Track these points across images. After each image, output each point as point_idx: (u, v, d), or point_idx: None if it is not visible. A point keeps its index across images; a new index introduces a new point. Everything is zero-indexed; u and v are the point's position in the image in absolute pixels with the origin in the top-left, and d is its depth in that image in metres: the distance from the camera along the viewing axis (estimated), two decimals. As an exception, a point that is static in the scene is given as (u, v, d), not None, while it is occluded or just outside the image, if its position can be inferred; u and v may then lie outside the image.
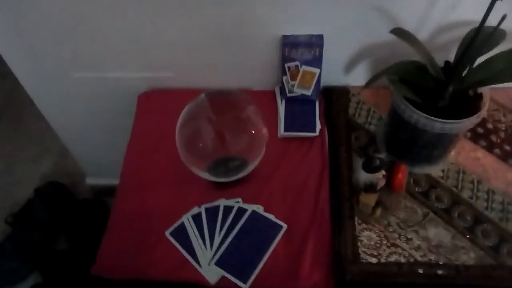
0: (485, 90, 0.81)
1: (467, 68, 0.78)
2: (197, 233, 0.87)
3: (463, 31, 0.81)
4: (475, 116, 0.77)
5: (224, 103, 0.90)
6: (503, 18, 0.68)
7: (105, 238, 0.88)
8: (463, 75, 0.79)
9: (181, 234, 0.87)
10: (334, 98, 1.04)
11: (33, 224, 1.52)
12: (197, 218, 0.88)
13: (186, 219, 0.88)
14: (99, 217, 1.52)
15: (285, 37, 0.95)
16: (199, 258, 0.84)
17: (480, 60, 0.78)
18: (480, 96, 0.81)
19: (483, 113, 0.78)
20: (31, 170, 1.77)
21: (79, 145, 1.41)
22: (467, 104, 0.80)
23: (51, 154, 1.81)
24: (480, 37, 0.72)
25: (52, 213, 1.55)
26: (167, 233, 0.87)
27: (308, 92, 1.01)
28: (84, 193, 1.67)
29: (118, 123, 1.16)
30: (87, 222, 1.54)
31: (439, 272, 0.79)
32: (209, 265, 0.83)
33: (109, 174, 1.35)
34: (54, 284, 1.45)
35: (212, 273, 0.82)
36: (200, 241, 0.86)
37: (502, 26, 0.69)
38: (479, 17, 0.70)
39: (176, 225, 0.88)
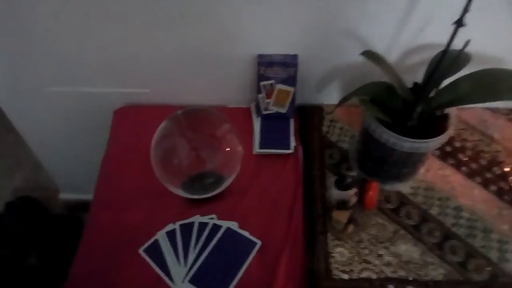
0: (451, 111, 0.84)
1: (434, 90, 0.81)
2: (171, 250, 0.86)
3: (431, 54, 0.84)
4: (442, 136, 0.80)
5: (199, 121, 0.91)
6: (467, 43, 0.71)
7: (77, 255, 0.87)
8: (430, 96, 0.82)
9: (155, 251, 0.86)
10: (308, 116, 1.06)
11: (3, 240, 1.48)
12: (171, 235, 0.88)
13: (160, 236, 0.88)
14: (72, 233, 1.49)
15: (260, 56, 0.97)
16: (173, 276, 0.83)
17: (447, 81, 0.81)
18: (447, 117, 0.84)
19: (449, 133, 0.81)
20: (2, 184, 1.73)
21: (53, 159, 1.39)
22: (434, 124, 0.83)
23: (24, 168, 1.78)
24: (445, 60, 0.76)
25: (24, 229, 1.51)
26: (140, 251, 0.86)
27: (283, 110, 1.03)
28: (58, 208, 1.64)
29: (93, 138, 1.15)
30: (60, 238, 1.51)
31: (409, 288, 0.81)
32: (183, 282, 0.82)
33: (83, 189, 1.33)
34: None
35: (185, 290, 0.82)
36: (174, 258, 0.85)
37: (469, 49, 0.72)
38: (446, 40, 0.74)
39: (150, 242, 0.88)
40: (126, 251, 0.87)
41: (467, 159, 0.98)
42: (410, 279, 0.81)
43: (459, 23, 0.71)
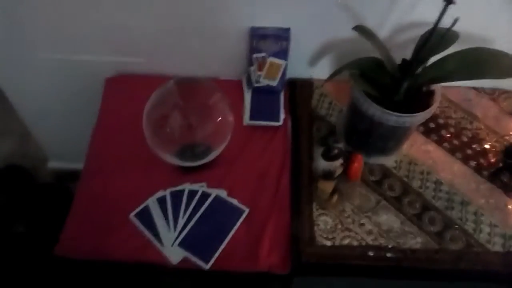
0: (437, 88, 0.87)
1: (422, 66, 0.83)
2: (161, 215, 0.89)
3: (421, 31, 0.86)
4: (426, 111, 0.82)
5: (192, 90, 0.92)
6: (455, 21, 0.73)
7: (69, 219, 0.89)
8: (417, 72, 0.84)
9: (145, 216, 0.89)
10: (298, 90, 1.08)
11: (-11, 208, 1.49)
12: (162, 202, 0.91)
13: (151, 202, 0.90)
14: (60, 203, 1.50)
15: (253, 29, 0.98)
16: (162, 240, 0.86)
17: (434, 59, 0.84)
18: (432, 93, 0.87)
19: (434, 108, 0.83)
20: (-11, 152, 1.72)
21: (42, 127, 1.39)
22: (420, 100, 0.86)
23: (12, 136, 1.77)
24: (434, 37, 0.77)
25: (11, 198, 1.52)
26: (131, 216, 0.89)
27: (274, 83, 1.05)
28: (46, 177, 1.64)
29: (84, 106, 1.16)
30: (47, 207, 1.52)
31: (388, 255, 0.85)
32: (172, 246, 0.85)
33: (72, 158, 1.34)
34: (10, 267, 1.43)
35: (175, 253, 0.84)
36: (164, 223, 0.88)
37: (457, 28, 0.74)
38: (436, 18, 0.75)
39: (140, 207, 0.90)
40: (117, 216, 0.89)
41: (449, 135, 1.01)
42: (390, 246, 0.85)
43: (448, 1, 0.73)
